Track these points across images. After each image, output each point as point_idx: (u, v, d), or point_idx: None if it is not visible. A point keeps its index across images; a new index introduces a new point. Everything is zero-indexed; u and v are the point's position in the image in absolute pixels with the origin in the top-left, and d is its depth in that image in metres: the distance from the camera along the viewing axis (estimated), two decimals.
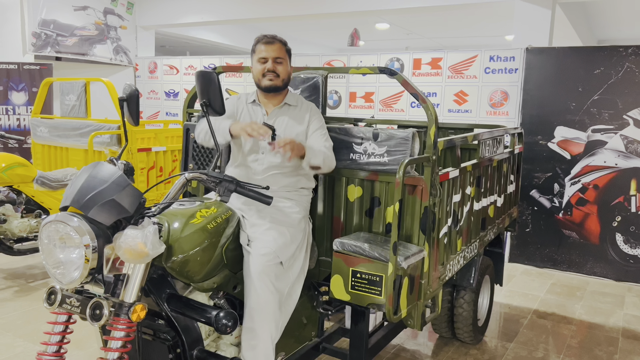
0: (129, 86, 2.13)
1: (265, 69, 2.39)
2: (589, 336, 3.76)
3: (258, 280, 2.08)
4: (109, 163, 1.92)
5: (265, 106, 2.49)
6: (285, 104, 2.48)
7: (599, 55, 4.92)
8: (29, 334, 3.42)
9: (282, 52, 2.42)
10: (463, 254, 2.91)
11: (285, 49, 2.45)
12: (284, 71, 2.42)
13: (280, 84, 2.43)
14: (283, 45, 2.44)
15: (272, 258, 2.14)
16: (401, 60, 6.20)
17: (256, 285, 2.08)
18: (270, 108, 2.48)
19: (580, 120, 5.04)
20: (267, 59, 2.39)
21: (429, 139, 2.37)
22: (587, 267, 5.13)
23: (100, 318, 1.66)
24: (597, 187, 5.01)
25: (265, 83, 2.40)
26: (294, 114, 2.47)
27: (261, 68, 2.40)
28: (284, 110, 2.47)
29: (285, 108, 2.48)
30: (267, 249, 2.13)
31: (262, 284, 2.08)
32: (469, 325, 3.29)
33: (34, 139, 5.19)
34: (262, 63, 2.40)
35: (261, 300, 2.08)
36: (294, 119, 2.46)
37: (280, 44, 2.42)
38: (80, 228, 1.65)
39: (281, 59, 2.41)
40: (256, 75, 2.43)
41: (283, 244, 2.20)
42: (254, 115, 2.48)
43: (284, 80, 2.44)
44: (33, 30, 7.15)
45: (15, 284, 4.32)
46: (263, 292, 2.08)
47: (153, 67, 8.29)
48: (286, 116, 2.46)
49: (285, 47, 2.45)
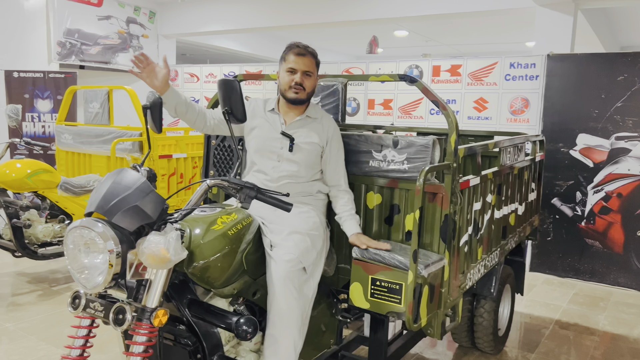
0: (152, 94, 2.16)
1: (293, 81, 2.35)
2: (612, 348, 3.68)
3: (282, 287, 2.08)
4: (132, 170, 1.95)
5: (284, 115, 2.48)
6: (306, 116, 2.47)
7: (622, 62, 4.85)
8: (52, 337, 3.47)
9: (312, 65, 2.39)
10: (484, 263, 2.88)
11: (315, 61, 2.41)
12: (310, 85, 2.40)
13: (305, 97, 2.40)
14: (314, 58, 2.41)
15: (296, 264, 2.14)
16: (420, 67, 6.18)
17: (279, 291, 2.09)
18: (291, 118, 2.47)
19: (603, 128, 4.96)
20: (296, 70, 2.35)
21: (449, 146, 2.36)
22: (611, 277, 5.03)
23: (123, 323, 1.68)
24: (621, 196, 4.92)
25: (290, 95, 2.38)
26: (313, 126, 2.46)
27: (289, 79, 2.36)
28: (303, 122, 2.46)
29: (305, 120, 2.47)
30: (290, 255, 2.14)
31: (286, 290, 2.08)
32: (489, 334, 3.25)
33: (58, 145, 5.30)
34: (291, 74, 2.37)
35: (284, 306, 2.08)
36: (313, 131, 2.44)
37: (311, 57, 2.39)
38: (104, 234, 1.68)
39: (310, 73, 2.38)
40: (282, 85, 2.40)
41: (305, 250, 2.21)
42: (272, 123, 2.47)
43: (309, 93, 2.41)
44: (58, 39, 7.32)
45: (39, 288, 4.40)
46: (286, 299, 2.08)
47: (174, 75, 8.41)
48: (305, 128, 2.45)
49: (315, 59, 2.42)
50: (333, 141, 2.47)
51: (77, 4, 7.48)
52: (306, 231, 2.28)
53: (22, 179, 4.16)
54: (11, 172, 4.16)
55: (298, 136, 2.42)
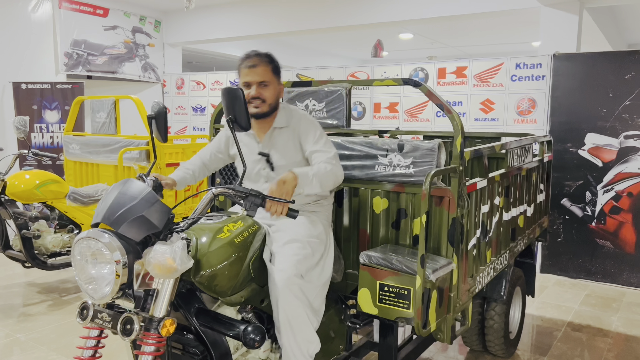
0: (157, 104, 2.17)
1: (250, 95, 2.23)
2: (626, 349, 3.63)
3: (282, 296, 2.08)
4: (138, 180, 1.95)
5: (257, 133, 2.38)
6: (274, 129, 2.34)
7: (630, 60, 4.81)
8: (62, 347, 3.49)
9: (266, 74, 2.23)
10: (493, 266, 2.85)
11: (271, 68, 2.25)
12: (270, 95, 2.26)
13: (267, 109, 2.28)
14: (268, 65, 2.25)
15: (292, 273, 2.10)
16: (425, 70, 6.17)
17: (280, 300, 2.08)
18: (262, 134, 2.37)
19: (611, 127, 4.92)
20: (250, 84, 2.23)
21: (455, 150, 2.34)
22: (623, 278, 4.97)
23: (131, 333, 1.68)
24: (632, 195, 4.87)
25: (251, 110, 2.23)
26: (285, 136, 2.34)
27: (246, 94, 2.20)
28: (275, 135, 2.35)
29: (276, 133, 2.35)
30: (285, 264, 2.11)
31: (286, 299, 2.08)
32: (501, 338, 3.22)
33: (66, 155, 5.34)
34: (247, 88, 2.25)
35: (285, 316, 2.08)
36: (287, 141, 2.33)
37: (263, 66, 2.23)
38: (111, 244, 1.68)
39: (267, 82, 2.24)
40: None
41: (303, 257, 2.16)
42: (249, 145, 2.39)
43: (271, 105, 2.28)
44: (65, 50, 7.39)
45: (49, 298, 4.42)
46: (288, 307, 2.08)
47: (180, 83, 8.46)
48: (279, 140, 2.34)
49: (271, 65, 2.25)
50: (304, 138, 2.30)
51: (84, 15, 7.56)
52: (306, 238, 2.23)
53: (31, 190, 4.19)
54: (20, 184, 4.19)
55: (274, 153, 2.33)
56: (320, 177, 2.15)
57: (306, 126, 2.33)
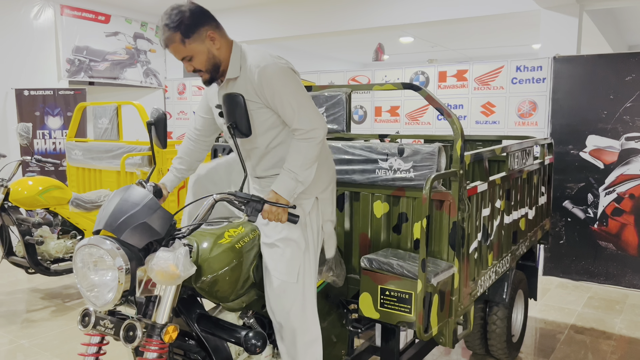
0: (156, 110, 2.17)
1: (189, 71, 2.09)
2: (630, 352, 3.62)
3: (274, 301, 2.09)
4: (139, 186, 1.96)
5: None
6: (228, 81, 2.13)
7: (631, 62, 4.81)
8: (65, 353, 3.49)
9: (181, 49, 2.00)
10: (494, 269, 2.86)
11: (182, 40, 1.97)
12: (201, 62, 2.05)
13: (209, 75, 2.09)
14: (181, 38, 1.97)
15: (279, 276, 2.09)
16: (426, 73, 6.18)
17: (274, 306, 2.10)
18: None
19: (613, 129, 4.92)
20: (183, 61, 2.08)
21: (455, 153, 2.35)
22: (626, 280, 4.96)
23: (134, 340, 1.68)
24: (633, 197, 4.87)
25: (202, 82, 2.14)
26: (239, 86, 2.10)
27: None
28: (229, 88, 2.13)
29: (230, 84, 2.13)
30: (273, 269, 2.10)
31: (279, 304, 2.09)
32: (503, 341, 3.21)
33: (69, 161, 5.35)
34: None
35: (281, 321, 2.09)
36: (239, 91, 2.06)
37: (176, 44, 1.99)
38: (113, 251, 1.69)
39: (189, 56, 2.03)
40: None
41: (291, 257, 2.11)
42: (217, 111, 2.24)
43: (209, 69, 2.08)
44: (67, 56, 7.42)
45: (52, 304, 4.43)
46: (282, 311, 2.09)
47: (182, 88, 8.48)
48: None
49: (182, 37, 1.97)
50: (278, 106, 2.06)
51: (85, 22, 7.59)
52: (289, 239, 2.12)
53: (33, 196, 4.21)
54: (23, 190, 4.21)
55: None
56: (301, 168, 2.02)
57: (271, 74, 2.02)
